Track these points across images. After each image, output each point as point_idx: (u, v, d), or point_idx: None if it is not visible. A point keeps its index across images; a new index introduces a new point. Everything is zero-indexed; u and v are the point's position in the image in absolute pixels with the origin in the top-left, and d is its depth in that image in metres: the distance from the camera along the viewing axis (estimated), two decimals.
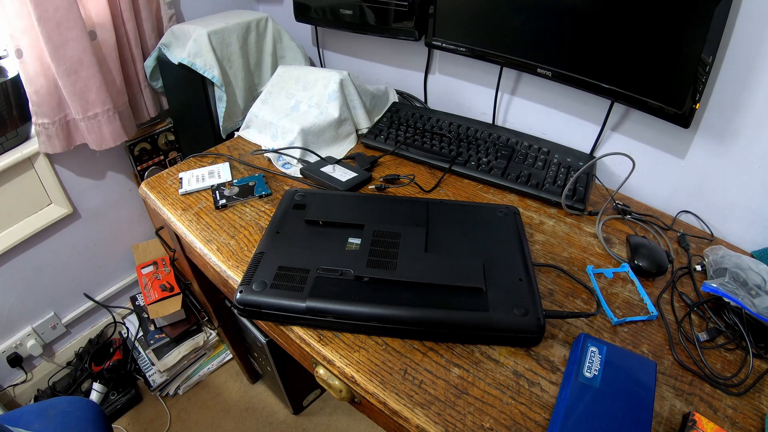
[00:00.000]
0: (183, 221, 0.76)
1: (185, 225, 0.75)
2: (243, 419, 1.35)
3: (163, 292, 1.28)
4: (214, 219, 0.76)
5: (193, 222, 0.75)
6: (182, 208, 0.79)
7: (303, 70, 1.01)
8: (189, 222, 0.75)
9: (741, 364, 0.56)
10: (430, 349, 0.56)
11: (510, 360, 0.55)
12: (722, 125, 0.73)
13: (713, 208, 0.79)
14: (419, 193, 0.82)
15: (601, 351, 0.52)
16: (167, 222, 0.80)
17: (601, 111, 0.85)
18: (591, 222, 0.77)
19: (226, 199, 0.79)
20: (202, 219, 0.76)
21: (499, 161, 0.86)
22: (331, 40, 1.27)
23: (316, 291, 0.56)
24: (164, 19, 1.15)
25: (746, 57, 0.66)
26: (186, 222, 0.76)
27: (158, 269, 1.35)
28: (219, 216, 0.77)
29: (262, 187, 0.82)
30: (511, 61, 0.86)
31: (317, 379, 0.61)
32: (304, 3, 1.09)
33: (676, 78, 0.67)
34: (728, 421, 0.50)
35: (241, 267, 0.67)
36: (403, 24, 0.97)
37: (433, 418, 0.49)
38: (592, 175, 0.85)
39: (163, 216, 0.80)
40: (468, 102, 1.06)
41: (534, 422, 0.49)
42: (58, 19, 0.90)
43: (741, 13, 0.64)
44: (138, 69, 1.14)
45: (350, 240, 0.63)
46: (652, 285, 0.67)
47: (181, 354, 1.34)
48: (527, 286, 0.58)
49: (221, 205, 0.78)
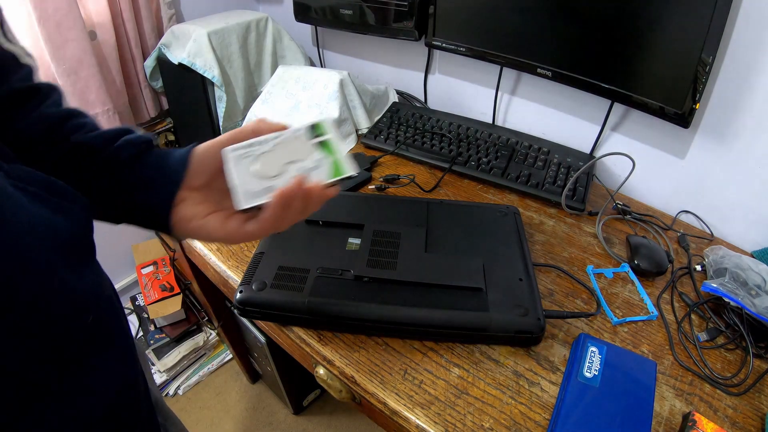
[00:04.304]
0: None
1: None
2: (243, 419, 1.35)
3: (163, 292, 1.28)
4: None
5: None
6: None
7: (303, 70, 1.01)
8: None
9: (741, 364, 0.56)
10: (430, 349, 0.56)
11: (510, 360, 0.55)
12: (722, 125, 0.73)
13: (713, 208, 0.79)
14: (419, 193, 0.82)
15: (601, 351, 0.52)
16: None
17: (601, 111, 0.85)
18: (591, 222, 0.77)
19: None
20: None
21: (499, 161, 0.86)
22: (331, 40, 1.27)
23: (316, 291, 0.56)
24: (164, 19, 1.15)
25: (746, 57, 0.66)
26: None
27: (158, 269, 1.35)
28: None
29: None
30: (511, 61, 0.86)
31: (317, 379, 0.61)
32: (304, 3, 1.09)
33: (676, 78, 0.67)
34: (728, 421, 0.50)
35: (241, 267, 0.67)
36: (403, 24, 0.97)
37: (433, 418, 0.49)
38: (592, 175, 0.85)
39: None
40: (468, 102, 1.06)
41: (534, 422, 0.49)
42: (58, 19, 0.90)
43: (741, 13, 0.64)
44: (138, 69, 1.14)
45: (350, 240, 0.63)
46: (652, 285, 0.67)
47: (181, 354, 1.34)
48: (527, 286, 0.58)
49: None
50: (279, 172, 0.38)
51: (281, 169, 0.38)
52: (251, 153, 0.38)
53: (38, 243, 0.26)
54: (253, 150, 0.39)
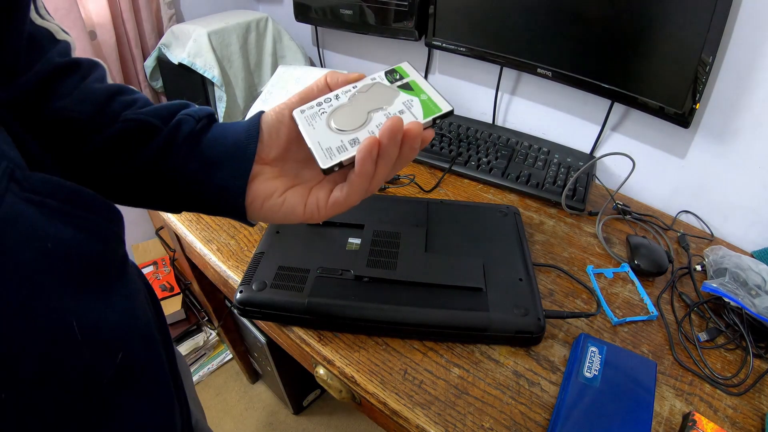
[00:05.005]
0: (183, 221, 0.76)
1: (185, 225, 0.75)
2: (243, 419, 1.35)
3: (163, 292, 1.28)
4: (214, 219, 0.76)
5: (193, 222, 0.75)
6: None
7: (303, 70, 1.01)
8: (189, 222, 0.75)
9: (741, 364, 0.56)
10: (430, 349, 0.56)
11: (510, 360, 0.55)
12: (722, 125, 0.73)
13: (713, 208, 0.79)
14: (419, 193, 0.82)
15: (601, 351, 0.52)
16: (167, 222, 0.80)
17: (601, 111, 0.85)
18: (591, 222, 0.77)
19: None
20: (202, 219, 0.76)
21: (499, 161, 0.86)
22: (331, 40, 1.27)
23: (316, 291, 0.56)
24: (164, 19, 1.15)
25: (746, 57, 0.66)
26: (186, 222, 0.76)
27: (158, 269, 1.35)
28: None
29: None
30: (511, 61, 0.86)
31: (317, 379, 0.61)
32: (304, 3, 1.09)
33: (676, 78, 0.67)
34: (728, 421, 0.50)
35: (241, 267, 0.67)
36: (403, 24, 0.97)
37: (433, 419, 0.49)
38: (592, 175, 0.85)
39: (163, 216, 0.80)
40: (468, 102, 1.06)
41: (534, 422, 0.49)
42: (58, 19, 0.90)
43: (741, 13, 0.64)
44: (138, 69, 1.14)
45: (350, 240, 0.63)
46: (652, 285, 0.67)
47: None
48: (527, 286, 0.58)
49: None
50: (363, 123, 0.33)
51: (365, 119, 0.34)
52: (326, 109, 0.34)
53: (52, 279, 0.21)
54: (328, 105, 0.34)
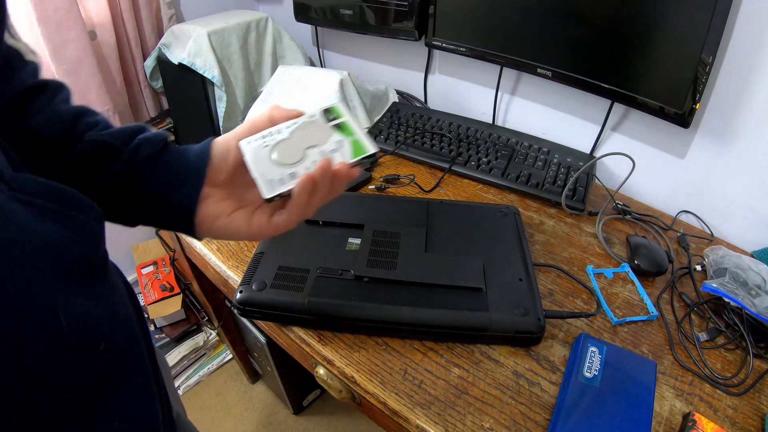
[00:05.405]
0: None
1: None
2: (243, 419, 1.35)
3: (163, 292, 1.28)
4: None
5: None
6: None
7: (303, 70, 1.01)
8: None
9: (741, 364, 0.56)
10: (430, 349, 0.56)
11: (510, 360, 0.55)
12: (722, 125, 0.73)
13: (713, 208, 0.79)
14: (419, 193, 0.82)
15: (601, 351, 0.52)
16: None
17: (601, 111, 0.85)
18: (591, 222, 0.77)
19: None
20: None
21: (499, 161, 0.86)
22: (331, 40, 1.27)
23: (316, 291, 0.56)
24: (164, 19, 1.15)
25: (746, 57, 0.66)
26: None
27: (158, 269, 1.35)
28: None
29: None
30: (511, 61, 0.86)
31: (317, 379, 0.61)
32: (304, 3, 1.09)
33: (676, 78, 0.67)
34: (728, 421, 0.50)
35: (241, 267, 0.67)
36: (403, 24, 0.97)
37: (433, 418, 0.49)
38: (592, 175, 0.85)
39: None
40: (468, 102, 1.06)
41: (534, 422, 0.49)
42: (58, 19, 0.90)
43: (741, 13, 0.64)
44: (138, 69, 1.14)
45: (350, 240, 0.63)
46: (652, 285, 0.67)
47: (181, 354, 1.34)
48: (527, 286, 0.58)
49: None
50: (300, 158, 0.38)
51: (302, 155, 0.38)
52: (268, 142, 0.38)
53: (41, 274, 0.23)
54: (271, 139, 0.38)
